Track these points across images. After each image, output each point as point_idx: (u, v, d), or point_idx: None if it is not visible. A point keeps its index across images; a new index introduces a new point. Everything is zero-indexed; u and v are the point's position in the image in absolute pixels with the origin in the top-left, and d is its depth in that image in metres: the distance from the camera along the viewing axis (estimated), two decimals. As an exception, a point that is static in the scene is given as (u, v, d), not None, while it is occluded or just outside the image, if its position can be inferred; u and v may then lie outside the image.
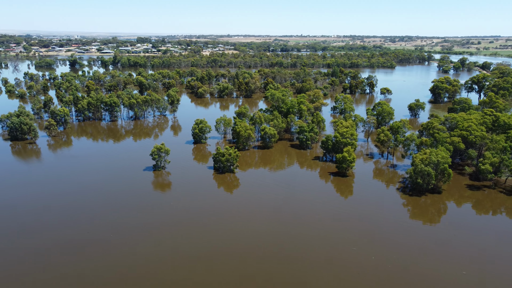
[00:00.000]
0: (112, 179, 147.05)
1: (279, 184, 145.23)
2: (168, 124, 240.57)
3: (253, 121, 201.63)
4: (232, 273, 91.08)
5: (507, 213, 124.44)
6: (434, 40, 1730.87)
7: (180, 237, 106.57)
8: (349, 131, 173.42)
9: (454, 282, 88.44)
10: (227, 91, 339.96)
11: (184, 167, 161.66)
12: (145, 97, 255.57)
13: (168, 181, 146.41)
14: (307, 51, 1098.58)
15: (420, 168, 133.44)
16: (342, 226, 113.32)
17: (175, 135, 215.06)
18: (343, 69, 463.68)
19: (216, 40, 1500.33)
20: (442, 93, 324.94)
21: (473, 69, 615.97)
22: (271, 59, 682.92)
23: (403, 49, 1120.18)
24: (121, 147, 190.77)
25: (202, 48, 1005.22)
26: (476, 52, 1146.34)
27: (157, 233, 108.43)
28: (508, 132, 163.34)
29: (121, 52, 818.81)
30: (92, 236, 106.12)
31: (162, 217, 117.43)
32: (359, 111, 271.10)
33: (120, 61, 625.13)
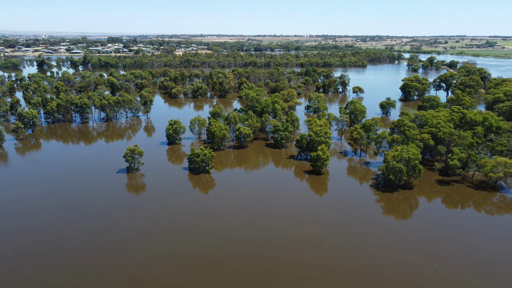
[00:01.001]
0: (84, 182, 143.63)
1: (255, 183, 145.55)
2: (141, 125, 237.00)
3: (228, 121, 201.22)
4: (208, 278, 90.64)
5: (475, 206, 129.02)
6: (403, 39, 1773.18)
7: (154, 240, 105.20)
8: (323, 129, 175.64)
9: (426, 275, 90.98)
10: (201, 91, 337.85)
11: (158, 168, 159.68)
12: (117, 98, 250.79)
13: (142, 183, 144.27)
14: (281, 50, 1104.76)
15: (392, 165, 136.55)
16: (317, 224, 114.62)
17: (149, 136, 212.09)
18: (316, 69, 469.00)
19: (189, 40, 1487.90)
20: (412, 91, 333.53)
21: (441, 68, 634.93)
22: (245, 58, 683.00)
23: (374, 48, 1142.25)
24: (92, 149, 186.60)
25: (175, 48, 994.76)
26: (444, 51, 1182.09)
27: (132, 237, 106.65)
28: (475, 129, 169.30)
29: (92, 52, 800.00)
30: (62, 244, 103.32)
31: (136, 221, 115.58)
32: (332, 109, 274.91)
33: (91, 62, 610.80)
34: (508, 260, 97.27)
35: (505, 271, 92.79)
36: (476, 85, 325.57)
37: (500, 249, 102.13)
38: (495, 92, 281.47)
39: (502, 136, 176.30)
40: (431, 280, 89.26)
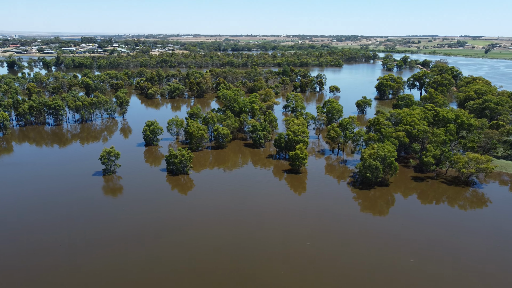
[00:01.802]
0: (59, 186, 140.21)
1: (234, 184, 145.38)
2: (118, 126, 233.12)
3: (205, 122, 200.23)
4: (191, 282, 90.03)
5: (449, 202, 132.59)
6: (378, 39, 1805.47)
7: (134, 244, 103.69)
8: (301, 128, 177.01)
9: (402, 270, 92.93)
10: (178, 91, 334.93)
11: (135, 170, 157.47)
12: (92, 99, 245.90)
13: (120, 186, 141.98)
14: (258, 50, 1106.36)
15: (368, 163, 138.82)
16: (296, 223, 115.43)
17: (125, 137, 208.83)
18: (293, 68, 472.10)
19: (166, 40, 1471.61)
20: (387, 90, 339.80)
21: (415, 67, 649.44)
22: (222, 58, 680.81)
23: (350, 48, 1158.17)
24: (67, 152, 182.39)
25: (151, 48, 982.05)
26: (417, 51, 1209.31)
27: (110, 242, 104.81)
28: (447, 126, 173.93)
29: (65, 52, 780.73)
30: (37, 249, 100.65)
31: (114, 224, 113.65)
32: (310, 109, 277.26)
33: (64, 62, 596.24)
34: (480, 251, 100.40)
35: (478, 262, 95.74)
36: (448, 83, 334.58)
37: (473, 242, 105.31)
38: (466, 90, 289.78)
39: (474, 133, 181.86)
40: (407, 274, 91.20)
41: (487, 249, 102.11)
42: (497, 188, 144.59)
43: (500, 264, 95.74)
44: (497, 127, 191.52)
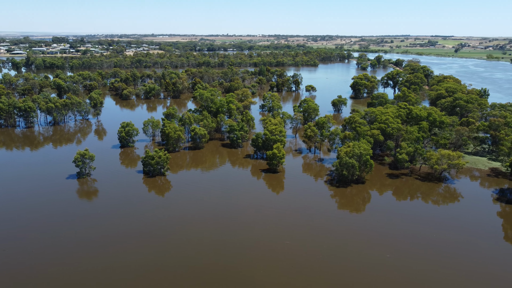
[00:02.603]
0: (31, 190, 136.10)
1: (212, 184, 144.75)
2: (92, 128, 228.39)
3: (182, 122, 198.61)
4: (172, 285, 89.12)
5: (423, 197, 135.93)
6: (352, 39, 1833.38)
7: (110, 249, 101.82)
8: (278, 128, 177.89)
9: (379, 265, 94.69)
10: (153, 92, 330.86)
11: (111, 172, 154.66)
12: (65, 100, 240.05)
13: (95, 189, 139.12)
14: (234, 50, 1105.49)
15: (345, 161, 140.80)
16: (275, 221, 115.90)
17: (100, 139, 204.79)
18: (269, 68, 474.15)
19: (140, 40, 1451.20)
20: (361, 89, 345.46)
21: (388, 66, 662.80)
22: (198, 58, 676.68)
23: (325, 48, 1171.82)
24: (39, 155, 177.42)
25: (125, 48, 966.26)
26: (390, 50, 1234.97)
27: (86, 247, 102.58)
28: (420, 124, 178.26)
29: (35, 53, 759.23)
30: (10, 256, 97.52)
31: (89, 228, 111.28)
32: (287, 108, 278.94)
33: (34, 63, 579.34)
34: (453, 245, 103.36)
35: (452, 255, 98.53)
36: (420, 82, 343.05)
37: (446, 236, 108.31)
38: (438, 88, 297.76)
39: (445, 130, 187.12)
40: (384, 269, 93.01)
41: (459, 242, 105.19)
42: (468, 183, 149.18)
43: (472, 256, 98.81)
44: (467, 124, 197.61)
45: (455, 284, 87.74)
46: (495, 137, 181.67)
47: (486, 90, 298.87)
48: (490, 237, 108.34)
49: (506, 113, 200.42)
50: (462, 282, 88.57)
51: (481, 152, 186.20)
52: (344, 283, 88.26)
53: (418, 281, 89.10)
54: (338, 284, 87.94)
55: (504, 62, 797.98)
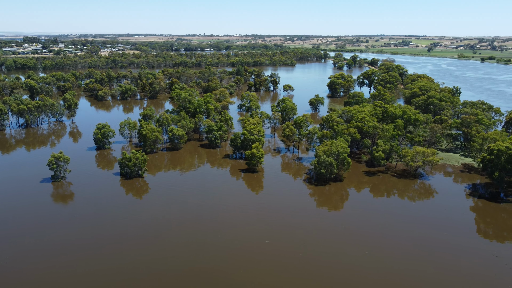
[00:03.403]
0: (4, 194, 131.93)
1: (191, 185, 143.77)
2: (66, 130, 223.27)
3: (160, 123, 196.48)
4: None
5: (399, 194, 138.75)
6: (328, 39, 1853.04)
7: (86, 255, 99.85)
8: (256, 127, 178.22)
9: (358, 261, 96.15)
10: (130, 92, 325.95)
11: (87, 175, 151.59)
12: (38, 102, 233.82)
13: (70, 192, 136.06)
14: (211, 50, 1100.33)
15: (323, 159, 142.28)
16: (254, 220, 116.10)
17: (75, 142, 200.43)
18: (247, 68, 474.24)
19: (115, 40, 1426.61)
20: (338, 88, 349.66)
21: (364, 65, 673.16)
22: (175, 58, 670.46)
23: (302, 47, 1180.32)
24: (12, 158, 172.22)
25: (100, 48, 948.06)
26: (365, 50, 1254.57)
27: (62, 252, 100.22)
28: (396, 122, 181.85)
29: (5, 53, 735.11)
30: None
31: (65, 233, 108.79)
32: (265, 108, 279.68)
33: (5, 64, 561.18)
34: (429, 240, 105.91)
35: (428, 250, 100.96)
36: (395, 81, 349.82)
37: (422, 231, 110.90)
38: (412, 87, 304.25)
39: (419, 127, 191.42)
40: (362, 265, 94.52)
41: (435, 237, 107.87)
42: (442, 179, 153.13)
43: (447, 249, 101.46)
44: (440, 121, 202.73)
45: (432, 277, 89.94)
46: (467, 134, 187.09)
47: (458, 88, 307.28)
48: (463, 231, 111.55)
49: (477, 111, 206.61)
50: (437, 275, 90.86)
51: (454, 148, 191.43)
52: (323, 279, 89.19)
53: (395, 275, 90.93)
54: (318, 280, 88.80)
55: (474, 61, 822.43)
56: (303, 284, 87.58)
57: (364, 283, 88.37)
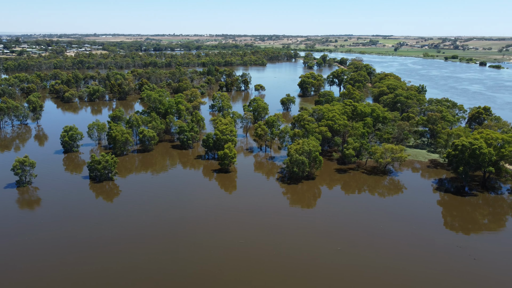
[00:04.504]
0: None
1: (163, 187, 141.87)
2: (31, 133, 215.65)
3: (129, 124, 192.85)
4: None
5: (369, 190, 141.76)
6: (298, 38, 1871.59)
7: (53, 262, 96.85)
8: (228, 127, 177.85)
9: (331, 257, 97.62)
10: (98, 94, 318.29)
11: (54, 179, 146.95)
12: (0, 104, 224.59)
13: (37, 197, 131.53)
14: (181, 50, 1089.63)
15: (295, 158, 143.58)
16: (228, 221, 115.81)
17: (41, 145, 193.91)
18: (218, 68, 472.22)
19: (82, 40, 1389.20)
20: (309, 87, 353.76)
21: (333, 65, 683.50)
22: (144, 59, 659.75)
23: (272, 47, 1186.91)
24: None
25: (65, 49, 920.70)
26: (334, 49, 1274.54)
27: (30, 259, 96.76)
28: (365, 120, 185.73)
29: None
30: None
31: (33, 240, 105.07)
32: (236, 107, 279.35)
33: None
34: (398, 234, 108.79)
35: (398, 244, 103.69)
36: (364, 80, 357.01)
37: (393, 225, 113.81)
38: (380, 85, 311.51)
39: (388, 125, 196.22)
40: (335, 261, 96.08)
41: (404, 231, 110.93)
42: (410, 174, 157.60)
43: (416, 243, 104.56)
44: (407, 119, 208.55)
45: (399, 268, 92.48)
46: (433, 130, 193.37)
47: (424, 86, 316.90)
48: (431, 225, 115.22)
49: (442, 108, 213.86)
50: (405, 266, 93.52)
51: (421, 145, 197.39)
52: (298, 276, 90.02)
53: (368, 269, 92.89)
54: (292, 277, 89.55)
55: (438, 60, 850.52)
56: (278, 283, 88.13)
57: (339, 279, 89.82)
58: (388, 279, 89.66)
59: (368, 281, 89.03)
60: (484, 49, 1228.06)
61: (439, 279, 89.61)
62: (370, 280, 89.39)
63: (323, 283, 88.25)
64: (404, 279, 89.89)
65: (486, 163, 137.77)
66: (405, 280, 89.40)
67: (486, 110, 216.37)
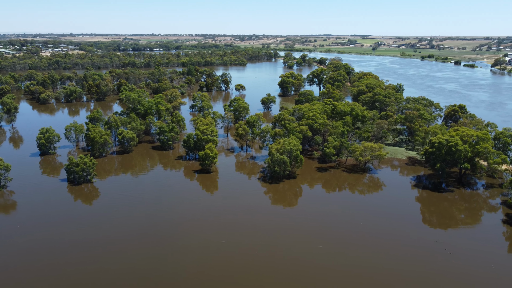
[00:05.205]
0: None
1: (143, 188, 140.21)
2: (6, 136, 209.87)
3: (108, 125, 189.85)
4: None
5: (350, 188, 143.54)
6: (278, 38, 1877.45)
7: (32, 269, 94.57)
8: (209, 128, 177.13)
9: (312, 255, 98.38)
10: (75, 95, 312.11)
11: (31, 183, 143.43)
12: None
13: (12, 201, 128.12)
14: (160, 50, 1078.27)
15: (276, 157, 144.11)
16: (210, 221, 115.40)
17: (16, 148, 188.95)
18: (198, 68, 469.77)
19: (58, 40, 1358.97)
20: (289, 87, 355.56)
21: (313, 64, 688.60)
22: (123, 59, 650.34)
23: (252, 47, 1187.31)
24: None
25: (41, 49, 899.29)
26: (314, 49, 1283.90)
27: (5, 267, 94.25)
28: (344, 118, 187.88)
29: None
30: None
31: (8, 246, 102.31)
32: (217, 107, 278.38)
33: None
34: (378, 230, 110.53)
35: (379, 240, 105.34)
36: (343, 79, 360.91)
37: (372, 222, 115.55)
38: (359, 85, 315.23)
39: (367, 123, 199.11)
40: (318, 258, 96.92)
41: (385, 227, 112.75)
42: (389, 172, 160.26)
43: (396, 239, 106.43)
44: (386, 117, 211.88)
45: (380, 265, 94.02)
46: (411, 128, 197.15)
47: (401, 85, 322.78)
48: (410, 221, 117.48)
49: (419, 106, 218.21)
50: (386, 262, 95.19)
51: (399, 143, 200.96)
52: (280, 275, 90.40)
53: (348, 266, 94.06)
54: (276, 277, 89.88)
55: (415, 59, 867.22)
56: (260, 282, 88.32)
57: (320, 276, 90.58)
58: (368, 274, 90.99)
59: (349, 278, 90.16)
60: (459, 48, 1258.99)
61: (416, 273, 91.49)
62: (351, 277, 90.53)
63: (305, 280, 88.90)
64: (383, 274, 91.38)
65: (462, 159, 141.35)
66: (383, 275, 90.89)
67: (461, 108, 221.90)
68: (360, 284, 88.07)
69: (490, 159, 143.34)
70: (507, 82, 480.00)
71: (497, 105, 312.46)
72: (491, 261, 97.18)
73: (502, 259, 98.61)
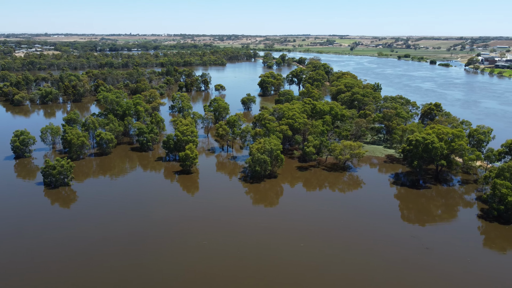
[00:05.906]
0: None
1: (123, 191, 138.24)
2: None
3: (86, 127, 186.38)
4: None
5: (330, 186, 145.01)
6: (257, 38, 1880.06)
7: (4, 273, 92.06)
8: (189, 128, 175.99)
9: (293, 254, 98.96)
10: (51, 96, 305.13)
11: (5, 187, 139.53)
12: None
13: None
14: (139, 50, 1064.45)
15: (257, 157, 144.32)
16: (191, 222, 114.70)
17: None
18: (177, 68, 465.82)
19: (32, 40, 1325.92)
20: (269, 87, 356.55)
21: (292, 64, 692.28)
22: (100, 59, 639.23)
23: (232, 47, 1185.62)
24: None
25: (14, 49, 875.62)
26: (293, 49, 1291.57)
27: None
28: (324, 118, 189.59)
29: None
30: None
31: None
32: (197, 108, 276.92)
33: None
34: (358, 228, 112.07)
35: (357, 237, 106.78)
36: (322, 78, 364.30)
37: (353, 219, 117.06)
38: (338, 84, 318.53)
39: (346, 122, 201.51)
40: (299, 256, 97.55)
41: (364, 224, 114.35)
42: (368, 170, 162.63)
43: (375, 236, 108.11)
44: (364, 116, 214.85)
45: (360, 262, 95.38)
46: (389, 126, 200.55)
47: (379, 84, 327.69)
48: (389, 218, 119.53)
49: (397, 105, 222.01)
50: (366, 259, 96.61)
51: (377, 141, 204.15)
52: (262, 275, 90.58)
53: (329, 264, 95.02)
54: (257, 277, 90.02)
55: (392, 59, 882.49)
56: (241, 282, 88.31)
57: (301, 275, 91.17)
58: (346, 270, 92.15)
59: (330, 276, 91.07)
60: (434, 48, 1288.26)
61: (393, 268, 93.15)
62: (332, 275, 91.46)
63: (287, 279, 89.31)
64: (363, 270, 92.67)
65: (438, 156, 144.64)
66: (361, 270, 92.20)
67: (437, 106, 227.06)
68: (340, 280, 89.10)
69: (465, 155, 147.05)
70: (480, 80, 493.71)
71: (471, 103, 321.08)
72: (467, 255, 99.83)
73: (478, 253, 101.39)
